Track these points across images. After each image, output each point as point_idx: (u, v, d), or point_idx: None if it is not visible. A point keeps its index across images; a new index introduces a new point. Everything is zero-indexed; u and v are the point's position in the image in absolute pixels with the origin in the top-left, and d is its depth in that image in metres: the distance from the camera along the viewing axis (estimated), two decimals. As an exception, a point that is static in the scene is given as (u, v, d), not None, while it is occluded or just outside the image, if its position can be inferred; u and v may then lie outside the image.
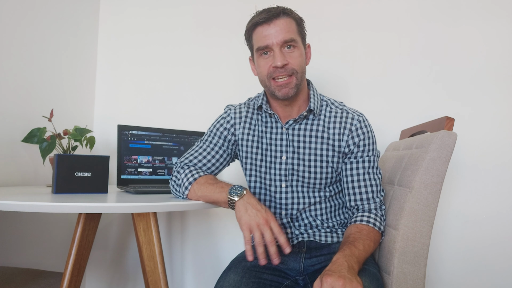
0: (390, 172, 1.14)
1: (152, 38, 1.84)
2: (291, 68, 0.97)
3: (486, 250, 1.47)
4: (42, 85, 1.55)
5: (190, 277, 1.78)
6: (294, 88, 0.99)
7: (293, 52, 0.98)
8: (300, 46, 1.00)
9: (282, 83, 0.98)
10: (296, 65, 0.98)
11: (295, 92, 1.00)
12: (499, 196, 1.47)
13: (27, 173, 1.48)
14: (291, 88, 0.99)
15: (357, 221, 0.98)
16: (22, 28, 1.44)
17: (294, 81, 0.98)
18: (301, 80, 1.01)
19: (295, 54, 0.98)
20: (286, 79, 0.98)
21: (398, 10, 1.60)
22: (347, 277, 0.76)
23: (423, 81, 1.56)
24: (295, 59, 0.98)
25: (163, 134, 1.47)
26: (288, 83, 0.98)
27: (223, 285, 0.90)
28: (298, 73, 0.99)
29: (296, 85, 0.99)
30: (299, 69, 0.99)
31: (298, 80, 0.99)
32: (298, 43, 0.99)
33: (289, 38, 0.96)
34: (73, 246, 1.19)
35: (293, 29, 0.98)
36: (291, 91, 0.99)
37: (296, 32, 0.99)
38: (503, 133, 1.47)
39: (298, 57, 0.99)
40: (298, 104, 1.06)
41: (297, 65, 0.98)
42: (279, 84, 0.98)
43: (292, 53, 0.98)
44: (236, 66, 1.74)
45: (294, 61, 0.98)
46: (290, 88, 0.99)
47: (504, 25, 1.49)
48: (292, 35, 0.97)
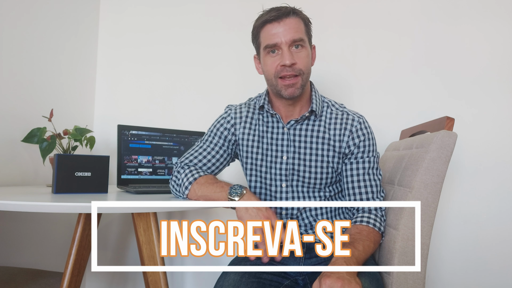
0: (390, 172, 1.14)
1: (152, 38, 1.84)
2: (299, 68, 0.98)
3: (486, 250, 1.47)
4: (42, 85, 1.55)
5: (190, 277, 1.78)
6: (300, 88, 0.99)
7: (301, 52, 0.98)
8: (307, 47, 1.00)
9: (288, 83, 0.98)
10: (303, 65, 0.99)
11: (301, 93, 1.00)
12: (499, 196, 1.47)
13: (27, 173, 1.48)
14: (297, 88, 0.99)
15: (357, 222, 0.98)
16: (22, 27, 1.44)
17: (300, 81, 0.99)
18: (306, 81, 1.02)
19: (302, 54, 0.99)
20: (292, 79, 0.98)
21: (398, 10, 1.60)
22: (346, 278, 0.76)
23: (423, 81, 1.56)
24: (302, 59, 0.98)
25: (163, 134, 1.47)
26: (294, 83, 0.98)
27: (223, 285, 0.90)
28: (305, 73, 0.99)
29: (301, 85, 1.00)
30: (306, 70, 0.99)
31: (304, 81, 1.00)
32: (306, 43, 1.00)
33: (298, 37, 0.97)
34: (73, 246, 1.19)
35: (302, 29, 0.99)
36: (297, 91, 0.99)
37: (304, 32, 0.99)
38: (503, 133, 1.47)
39: (305, 57, 0.99)
40: (301, 105, 1.06)
41: (304, 66, 0.99)
42: (286, 83, 0.99)
43: (300, 53, 0.98)
44: (237, 66, 1.74)
45: (302, 61, 0.98)
46: (296, 88, 0.99)
47: (505, 24, 1.49)
48: (301, 35, 0.97)
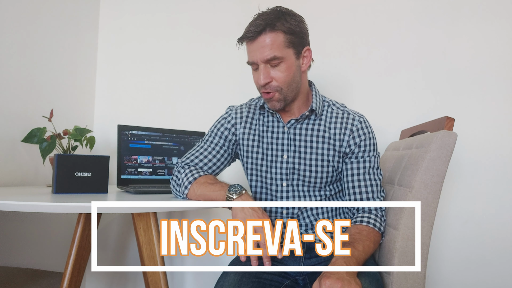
0: (390, 172, 1.14)
1: (152, 38, 1.84)
2: (275, 86, 0.98)
3: (486, 250, 1.47)
4: (42, 85, 1.55)
5: (190, 277, 1.78)
6: (280, 101, 1.00)
7: (278, 67, 0.97)
8: (287, 60, 0.97)
9: (267, 97, 1.00)
10: (281, 81, 0.98)
11: (283, 105, 1.01)
12: (499, 196, 1.47)
13: (27, 173, 1.48)
14: (276, 101, 1.00)
15: (357, 222, 0.98)
16: (22, 27, 1.44)
17: (277, 95, 0.99)
18: (290, 92, 1.00)
19: (280, 69, 0.97)
20: (270, 94, 0.99)
21: (398, 9, 1.60)
22: (346, 279, 0.76)
23: (423, 81, 1.56)
24: (279, 75, 0.97)
25: (163, 134, 1.47)
26: (271, 97, 0.99)
27: (223, 285, 0.90)
28: (283, 88, 0.99)
29: (280, 99, 1.00)
30: (284, 85, 0.98)
31: (283, 95, 0.99)
32: (285, 57, 0.97)
33: (271, 56, 0.95)
34: (73, 246, 1.19)
35: (278, 44, 0.95)
36: (277, 104, 1.00)
37: (282, 46, 0.96)
38: (503, 133, 1.47)
39: (283, 71, 0.97)
40: (297, 107, 1.06)
41: (281, 81, 0.98)
42: (265, 97, 1.01)
43: (277, 68, 0.97)
44: (237, 66, 1.74)
45: (279, 78, 0.97)
46: (275, 101, 1.00)
47: (504, 25, 1.49)
48: (275, 53, 0.95)
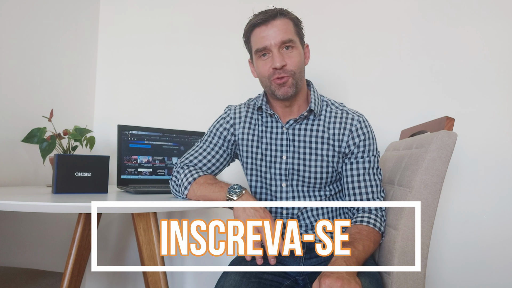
0: (390, 172, 1.14)
1: (152, 38, 1.84)
2: (290, 70, 0.98)
3: (486, 250, 1.47)
4: (42, 85, 1.55)
5: (190, 277, 1.78)
6: (292, 87, 0.99)
7: (291, 53, 0.98)
8: (298, 47, 1.00)
9: (280, 82, 0.99)
10: (295, 66, 0.99)
11: (294, 92, 1.00)
12: (499, 196, 1.47)
13: (27, 173, 1.48)
14: (289, 86, 0.99)
15: (357, 222, 0.98)
16: (22, 28, 1.44)
17: (291, 80, 0.99)
18: (299, 79, 1.01)
19: (293, 54, 0.99)
20: (284, 78, 0.98)
21: (398, 9, 1.60)
22: (346, 278, 0.76)
23: (423, 81, 1.56)
24: (293, 60, 0.98)
25: (163, 134, 1.47)
26: (285, 81, 0.98)
27: (224, 285, 0.90)
28: (296, 73, 0.99)
29: (293, 84, 0.99)
30: (297, 70, 0.99)
31: (296, 80, 1.00)
32: (296, 43, 1.00)
33: (287, 38, 0.97)
34: (73, 246, 1.19)
35: (291, 29, 0.98)
36: (290, 90, 0.99)
37: (293, 33, 0.99)
38: (503, 133, 1.47)
39: (296, 57, 0.99)
40: (298, 104, 1.06)
41: (295, 66, 0.99)
42: (278, 83, 0.99)
43: (291, 53, 0.98)
44: (236, 66, 1.74)
45: (292, 62, 0.98)
46: (288, 87, 0.99)
47: (503, 25, 1.49)
48: (290, 36, 0.97)
